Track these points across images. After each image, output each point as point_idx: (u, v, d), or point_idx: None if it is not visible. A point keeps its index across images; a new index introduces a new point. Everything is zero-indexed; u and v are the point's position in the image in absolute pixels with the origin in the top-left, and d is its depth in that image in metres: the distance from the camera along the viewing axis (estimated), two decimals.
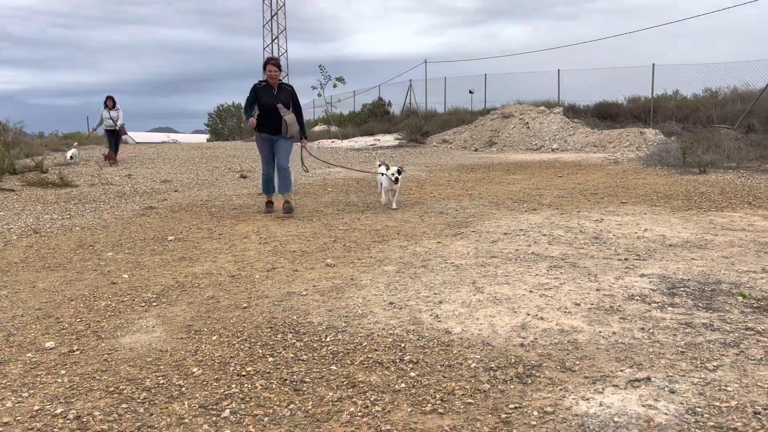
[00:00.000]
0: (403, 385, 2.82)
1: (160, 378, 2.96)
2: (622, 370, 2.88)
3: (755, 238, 5.55)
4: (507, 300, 4.02)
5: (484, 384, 2.80)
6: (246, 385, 2.86)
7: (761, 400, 2.53)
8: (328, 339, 3.43)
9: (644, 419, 2.41)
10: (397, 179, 7.84)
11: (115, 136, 16.56)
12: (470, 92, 27.86)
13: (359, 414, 2.55)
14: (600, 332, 3.38)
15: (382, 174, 8.09)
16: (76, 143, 21.30)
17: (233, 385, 2.85)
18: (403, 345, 3.30)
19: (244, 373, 2.99)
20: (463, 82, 28.42)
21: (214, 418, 2.54)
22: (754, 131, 14.97)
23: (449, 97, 29.33)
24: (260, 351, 3.28)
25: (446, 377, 2.88)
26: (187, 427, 2.48)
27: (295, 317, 3.82)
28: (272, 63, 7.76)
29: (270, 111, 7.63)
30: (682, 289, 4.12)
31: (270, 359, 3.16)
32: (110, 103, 16.45)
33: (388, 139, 23.59)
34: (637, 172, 11.80)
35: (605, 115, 21.81)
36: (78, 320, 3.85)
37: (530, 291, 4.19)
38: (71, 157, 16.46)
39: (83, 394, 2.80)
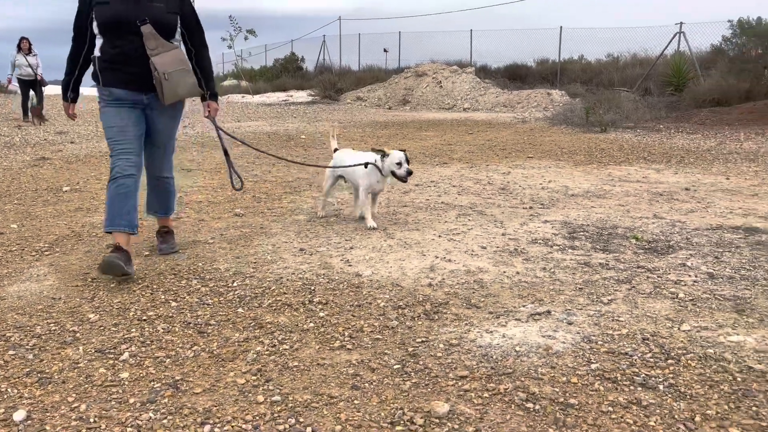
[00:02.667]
0: (311, 324, 2.79)
1: (52, 325, 2.78)
2: (524, 306, 2.98)
3: (649, 189, 5.89)
4: (417, 244, 4.07)
5: (392, 321, 2.82)
6: (147, 329, 2.73)
7: (649, 327, 2.69)
8: (235, 284, 3.34)
9: (543, 347, 2.51)
10: (410, 173, 4.41)
11: (36, 87, 13.67)
12: (385, 51, 27.69)
13: (266, 353, 2.50)
14: (504, 272, 3.49)
15: (367, 165, 4.48)
16: None
17: (133, 330, 2.73)
18: (312, 288, 3.27)
19: (144, 317, 2.86)
20: (378, 39, 28.19)
21: (112, 361, 2.42)
22: (651, 94, 15.80)
23: (364, 55, 29.06)
24: (162, 297, 3.14)
25: (355, 316, 2.88)
26: (82, 371, 2.34)
27: (200, 264, 3.69)
28: None
29: (124, 37, 3.43)
30: (581, 233, 4.31)
31: (173, 304, 3.04)
32: (26, 46, 13.48)
33: (301, 96, 23.14)
34: (544, 130, 12.20)
35: (515, 76, 22.35)
36: None
37: (439, 236, 4.26)
38: None
39: None
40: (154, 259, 3.78)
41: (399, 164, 4.35)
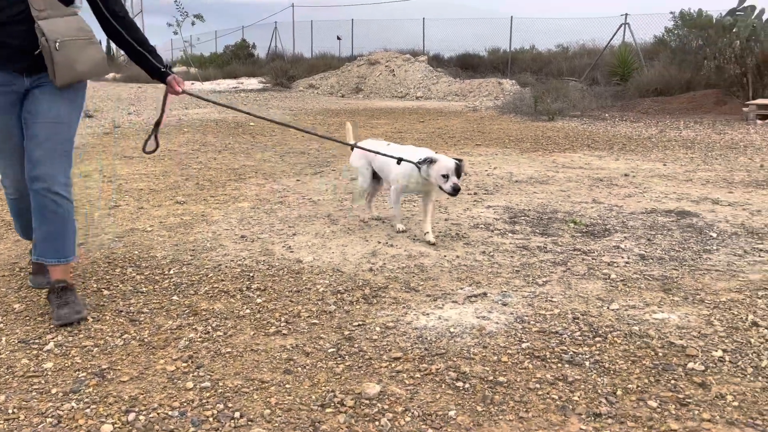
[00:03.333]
0: (248, 311, 2.76)
1: None
2: (462, 288, 3.02)
3: (590, 175, 6.03)
4: (360, 230, 4.06)
5: (330, 306, 2.81)
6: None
7: (580, 307, 2.76)
8: (171, 272, 3.27)
9: (477, 328, 2.54)
10: (458, 190, 3.60)
11: None
12: (338, 38, 27.47)
13: (199, 339, 2.46)
14: (445, 256, 3.52)
15: (400, 161, 3.77)
16: None
17: None
18: (251, 274, 3.23)
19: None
20: (331, 26, 27.95)
21: (36, 352, 2.34)
22: (597, 84, 16.16)
23: (317, 43, 28.76)
24: (94, 285, 3.06)
25: (293, 302, 2.87)
26: (3, 361, 2.26)
27: (136, 252, 3.60)
28: None
29: None
30: (522, 218, 4.39)
31: (105, 293, 2.96)
32: None
33: (252, 83, 22.77)
34: (493, 118, 12.34)
35: (467, 65, 22.51)
36: None
37: (382, 222, 4.26)
38: None
39: None
40: (88, 247, 3.67)
41: (446, 177, 3.56)
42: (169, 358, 2.30)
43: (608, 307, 2.75)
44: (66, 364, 2.25)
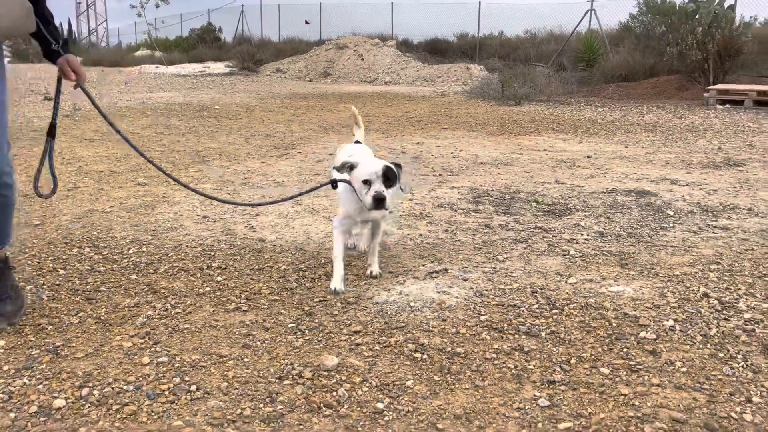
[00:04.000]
0: (207, 288, 2.74)
1: None
2: (423, 265, 3.04)
3: (554, 157, 6.10)
4: (324, 210, 4.05)
5: (291, 283, 2.80)
6: (30, 297, 2.60)
7: (539, 282, 2.81)
8: (131, 252, 3.22)
9: (437, 302, 2.57)
10: (380, 201, 2.58)
11: None
12: (306, 23, 27.20)
13: (157, 317, 2.43)
14: (408, 234, 3.54)
15: (336, 185, 2.86)
16: None
17: None
18: (213, 253, 3.20)
19: (29, 287, 2.72)
20: (299, 10, 27.65)
21: None
22: (564, 69, 16.32)
23: (284, 27, 28.44)
24: (51, 265, 3.00)
25: (254, 279, 2.85)
26: None
27: (95, 233, 3.53)
28: None
29: None
30: (486, 198, 4.43)
31: (61, 272, 2.90)
32: None
33: (219, 67, 22.43)
34: (461, 103, 12.38)
35: (436, 50, 22.52)
36: None
37: None
38: None
39: None
40: (45, 228, 3.59)
41: (367, 184, 2.57)
42: (125, 335, 2.27)
43: (566, 281, 2.80)
44: (19, 342, 2.20)
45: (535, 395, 1.88)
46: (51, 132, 2.40)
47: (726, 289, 2.68)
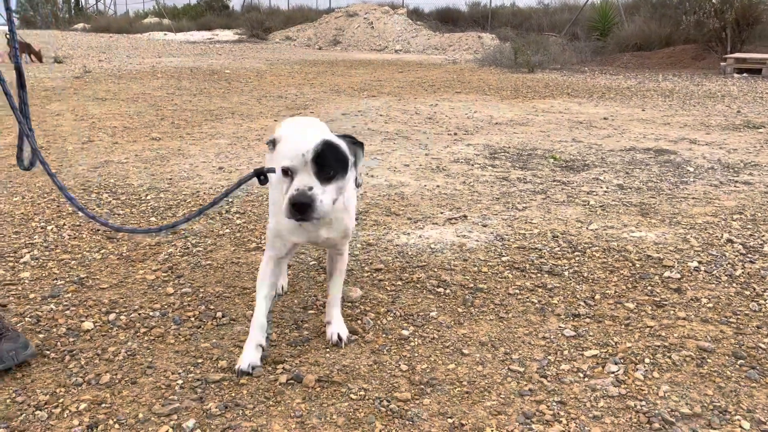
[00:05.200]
0: (227, 230, 2.74)
1: None
2: (442, 213, 3.02)
3: (570, 118, 6.04)
4: None
5: None
6: (51, 236, 2.61)
7: (560, 228, 2.79)
8: (149, 197, 3.22)
9: (458, 245, 2.56)
10: (302, 207, 1.44)
11: None
12: None
13: (178, 254, 2.44)
14: (425, 186, 3.52)
15: (261, 177, 1.74)
16: None
17: (36, 237, 2.60)
18: (230, 200, 3.20)
19: (49, 227, 2.73)
20: None
21: (11, 264, 2.30)
22: (578, 39, 16.08)
23: None
24: (70, 209, 3.00)
25: None
26: None
27: (112, 180, 3.53)
28: None
29: None
30: (502, 154, 4.39)
31: (81, 214, 2.91)
32: None
33: (227, 35, 22.23)
34: (473, 70, 12.25)
35: (447, 19, 22.20)
36: None
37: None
38: None
39: None
40: (61, 177, 3.59)
41: (288, 175, 1.51)
42: (148, 269, 2.28)
43: (587, 228, 2.78)
44: (43, 275, 2.22)
45: (560, 326, 1.88)
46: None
47: (750, 236, 2.66)
